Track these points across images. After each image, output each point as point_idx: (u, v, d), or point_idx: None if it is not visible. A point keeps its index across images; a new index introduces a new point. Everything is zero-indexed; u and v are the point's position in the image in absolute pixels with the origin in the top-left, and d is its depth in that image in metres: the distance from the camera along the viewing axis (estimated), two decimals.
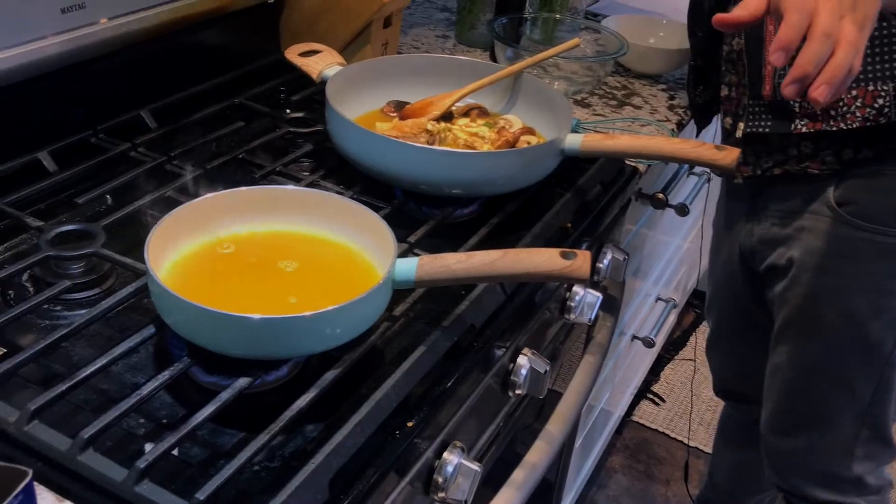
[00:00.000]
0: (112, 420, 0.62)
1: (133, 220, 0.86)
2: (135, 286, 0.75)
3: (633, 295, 1.62)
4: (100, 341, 0.74)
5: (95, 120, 1.01)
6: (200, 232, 0.77)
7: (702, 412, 2.22)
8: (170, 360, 0.70)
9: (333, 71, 1.04)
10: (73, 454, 0.59)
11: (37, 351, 0.67)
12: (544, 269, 0.70)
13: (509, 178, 0.95)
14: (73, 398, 0.66)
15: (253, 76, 1.20)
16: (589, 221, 1.02)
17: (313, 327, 0.66)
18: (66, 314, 0.77)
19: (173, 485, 0.59)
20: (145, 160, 0.97)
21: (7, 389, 0.66)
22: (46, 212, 0.89)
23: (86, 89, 1.00)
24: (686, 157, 0.96)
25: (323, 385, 0.67)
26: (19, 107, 0.93)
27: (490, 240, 0.89)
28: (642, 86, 1.44)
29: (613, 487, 1.99)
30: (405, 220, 0.92)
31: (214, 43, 1.17)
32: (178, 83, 1.11)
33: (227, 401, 0.65)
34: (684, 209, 1.45)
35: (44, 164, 0.93)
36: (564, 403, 0.95)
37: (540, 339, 0.96)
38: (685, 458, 1.95)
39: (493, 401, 0.87)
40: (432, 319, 0.78)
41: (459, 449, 0.73)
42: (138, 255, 0.71)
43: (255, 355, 0.68)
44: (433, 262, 0.72)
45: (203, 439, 0.66)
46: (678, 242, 1.96)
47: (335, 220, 0.80)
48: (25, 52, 0.89)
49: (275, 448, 0.65)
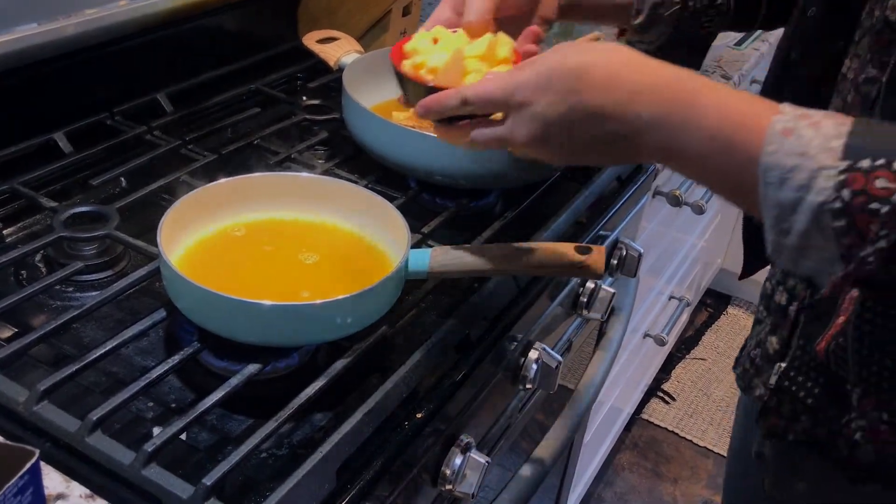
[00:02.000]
0: (121, 403, 0.61)
1: (147, 204, 0.86)
2: (147, 269, 0.75)
3: (646, 292, 1.61)
4: (110, 324, 0.74)
5: (112, 102, 1.01)
6: (213, 217, 0.77)
7: (712, 412, 2.21)
8: (180, 344, 0.70)
9: (351, 58, 1.03)
10: (82, 436, 0.59)
11: (48, 331, 0.67)
12: (559, 263, 0.70)
13: (525, 170, 0.94)
14: (82, 380, 0.66)
15: (270, 62, 1.20)
16: (604, 217, 1.01)
17: (324, 316, 0.66)
18: (78, 295, 0.77)
19: (180, 469, 0.59)
20: (160, 143, 0.97)
21: (17, 369, 0.66)
22: (61, 193, 0.89)
23: (103, 71, 1.00)
24: None
25: (332, 374, 0.66)
26: (36, 87, 0.93)
27: (504, 233, 0.89)
28: None
29: (620, 485, 1.99)
30: (419, 210, 0.91)
31: (232, 28, 1.17)
32: (195, 68, 1.11)
33: (236, 387, 0.64)
34: (700, 208, 1.44)
35: (59, 145, 0.93)
36: (574, 399, 0.95)
37: (552, 333, 0.96)
38: (694, 457, 1.94)
39: (502, 394, 0.86)
40: (444, 311, 0.77)
41: (468, 442, 0.73)
42: (151, 238, 0.71)
43: (264, 342, 0.67)
44: (446, 253, 0.72)
45: (211, 425, 0.66)
46: (693, 241, 1.94)
47: (349, 209, 0.79)
48: (43, 31, 0.88)
49: (283, 435, 0.65)
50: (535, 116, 0.60)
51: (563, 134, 0.60)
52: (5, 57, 0.86)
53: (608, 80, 0.58)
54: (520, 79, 0.61)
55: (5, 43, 0.85)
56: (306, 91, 1.15)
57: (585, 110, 0.58)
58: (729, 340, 2.47)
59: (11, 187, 0.85)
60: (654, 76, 0.58)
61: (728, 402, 2.24)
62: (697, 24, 0.85)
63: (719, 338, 2.48)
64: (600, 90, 0.58)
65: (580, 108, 0.59)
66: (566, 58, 0.60)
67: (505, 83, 0.62)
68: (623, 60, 0.59)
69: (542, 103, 0.60)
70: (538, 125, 0.61)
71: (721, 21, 0.85)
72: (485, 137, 0.65)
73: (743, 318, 2.56)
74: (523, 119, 0.61)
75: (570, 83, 0.59)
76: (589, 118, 0.59)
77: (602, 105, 0.58)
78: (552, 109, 0.59)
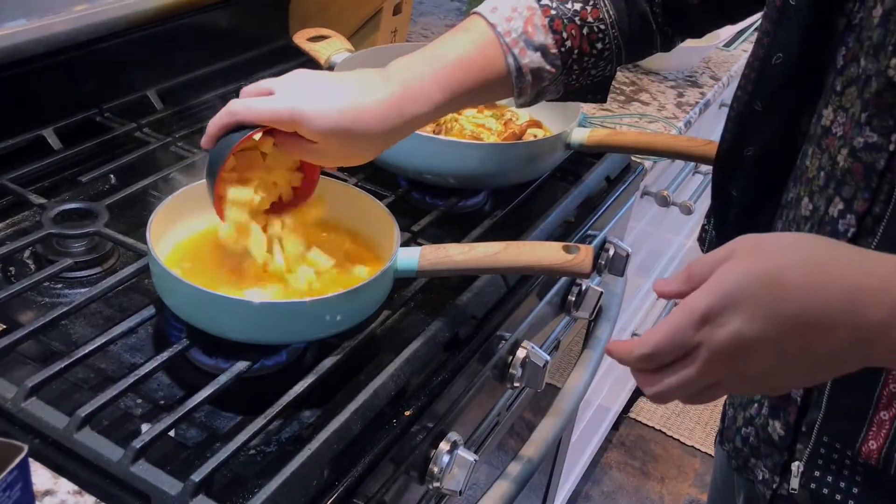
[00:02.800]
0: (109, 399, 0.61)
1: (136, 201, 0.86)
2: (136, 266, 0.75)
3: (634, 291, 1.62)
4: (99, 320, 0.74)
5: (102, 99, 1.01)
6: (203, 214, 0.77)
7: (699, 411, 2.22)
8: (169, 341, 0.70)
9: (342, 57, 1.03)
10: (70, 432, 0.59)
11: (36, 328, 0.67)
12: (546, 262, 0.70)
13: (514, 170, 0.94)
14: (70, 376, 0.66)
15: (261, 60, 1.20)
16: (593, 216, 1.02)
17: (313, 313, 0.66)
18: (67, 292, 0.77)
19: (169, 466, 0.59)
20: (150, 141, 0.97)
21: (5, 366, 0.66)
22: (50, 189, 0.89)
23: (93, 68, 0.99)
24: (693, 154, 0.96)
25: (321, 371, 0.67)
26: (26, 83, 0.92)
27: (493, 232, 0.89)
28: (651, 82, 1.44)
29: (608, 483, 1.99)
30: (409, 209, 0.92)
31: (223, 26, 1.17)
32: (185, 65, 1.10)
33: (225, 384, 0.64)
34: (688, 208, 1.45)
35: (48, 141, 0.93)
36: (562, 397, 0.95)
37: (540, 332, 0.96)
38: (681, 456, 1.95)
39: (490, 392, 0.87)
40: (433, 309, 0.77)
41: (456, 440, 0.73)
42: (140, 235, 0.71)
43: (253, 340, 0.68)
44: (436, 252, 0.72)
45: (200, 421, 0.66)
46: (681, 241, 1.95)
47: (339, 208, 0.79)
48: (34, 27, 0.88)
49: (271, 432, 0.65)
50: (734, 337, 0.49)
51: (773, 354, 0.50)
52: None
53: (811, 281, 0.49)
54: (696, 304, 0.50)
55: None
56: None
57: (797, 319, 0.48)
58: None
59: (0, 183, 0.85)
60: (864, 272, 0.48)
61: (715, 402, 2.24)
62: (589, 77, 0.78)
63: None
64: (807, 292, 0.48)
65: (788, 320, 0.49)
66: (752, 267, 0.50)
67: (680, 316, 0.51)
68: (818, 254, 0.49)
69: (737, 322, 0.49)
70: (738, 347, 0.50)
71: (613, 64, 0.78)
72: (667, 387, 0.53)
73: None
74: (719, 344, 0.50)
75: (765, 292, 0.49)
76: (805, 328, 0.49)
77: (818, 311, 0.48)
78: (749, 328, 0.49)
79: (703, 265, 0.52)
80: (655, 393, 0.54)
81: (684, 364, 0.52)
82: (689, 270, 0.53)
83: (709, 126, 1.67)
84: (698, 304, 0.50)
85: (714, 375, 0.52)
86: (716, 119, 1.70)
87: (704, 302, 0.50)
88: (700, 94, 1.41)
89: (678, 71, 1.48)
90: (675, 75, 1.47)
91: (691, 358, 0.51)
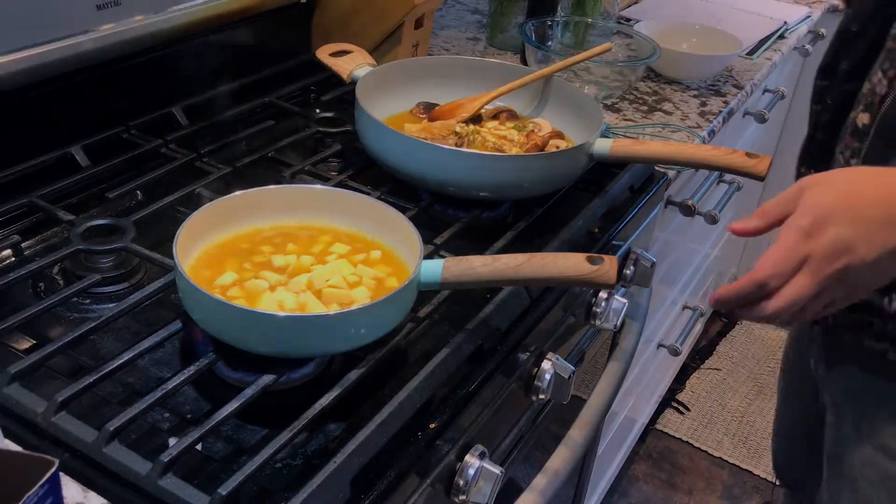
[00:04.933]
0: (137, 413, 0.62)
1: (163, 216, 0.87)
2: (163, 281, 0.75)
3: (659, 302, 1.60)
4: (127, 335, 0.75)
5: (128, 116, 1.02)
6: (229, 229, 0.77)
7: (727, 422, 2.20)
8: (195, 355, 0.71)
9: (364, 71, 1.04)
10: (99, 446, 0.60)
11: (65, 343, 0.68)
12: (570, 273, 0.70)
13: (537, 181, 0.94)
14: (99, 391, 0.67)
15: (284, 75, 1.21)
16: (617, 227, 1.01)
17: (338, 326, 0.66)
18: (95, 307, 0.78)
19: (196, 479, 0.59)
20: (176, 157, 0.98)
21: (35, 380, 0.67)
22: (78, 206, 0.90)
23: (119, 86, 1.01)
24: (717, 164, 0.95)
25: (346, 384, 0.67)
26: (54, 102, 0.94)
27: (516, 243, 0.89)
28: (673, 91, 1.43)
29: (635, 495, 1.98)
30: (432, 221, 0.92)
31: (246, 42, 1.18)
32: (209, 81, 1.12)
33: (251, 397, 0.65)
34: (714, 217, 1.44)
35: (76, 158, 0.94)
36: (588, 410, 0.95)
37: (564, 344, 0.96)
38: (709, 468, 1.93)
39: (516, 405, 0.86)
40: (457, 322, 0.77)
41: (481, 452, 0.73)
42: (167, 250, 0.72)
43: (279, 353, 0.68)
44: (459, 264, 0.72)
45: (226, 435, 0.66)
46: (706, 251, 1.94)
47: (362, 221, 0.80)
48: (61, 47, 0.90)
49: (297, 446, 0.65)
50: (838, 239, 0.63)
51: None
52: (23, 72, 0.87)
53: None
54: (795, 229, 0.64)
55: (23, 59, 0.86)
56: (319, 104, 1.16)
57: (880, 219, 0.64)
58: (743, 350, 2.46)
59: (30, 201, 0.87)
60: None
61: (743, 413, 2.22)
62: None
63: (734, 348, 2.47)
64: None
65: (873, 220, 0.64)
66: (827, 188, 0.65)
67: (787, 236, 0.65)
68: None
69: (835, 229, 0.63)
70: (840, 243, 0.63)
71: None
72: (786, 300, 0.65)
73: (757, 328, 2.54)
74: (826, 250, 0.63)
75: (850, 203, 0.64)
76: (886, 224, 0.63)
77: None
78: (845, 230, 0.63)
79: (775, 203, 0.67)
80: (775, 308, 0.64)
81: (797, 278, 0.63)
82: (763, 209, 0.68)
83: (732, 135, 1.65)
84: (801, 222, 0.63)
85: (823, 281, 0.63)
86: (739, 128, 1.69)
87: (805, 220, 0.63)
88: (723, 102, 1.41)
89: (701, 80, 1.47)
90: (698, 84, 1.46)
91: (802, 271, 0.63)
